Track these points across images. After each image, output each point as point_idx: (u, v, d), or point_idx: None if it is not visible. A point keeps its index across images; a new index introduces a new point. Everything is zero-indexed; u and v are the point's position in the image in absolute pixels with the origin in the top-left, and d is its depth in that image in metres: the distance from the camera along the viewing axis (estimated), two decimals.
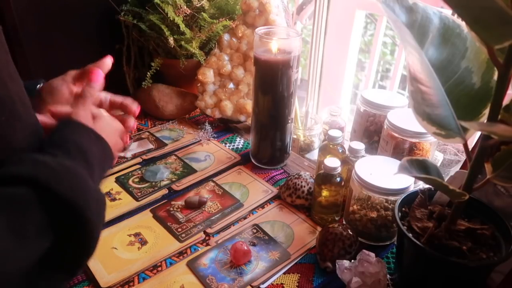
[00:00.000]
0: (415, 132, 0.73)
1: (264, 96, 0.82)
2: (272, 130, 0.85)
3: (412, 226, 0.55)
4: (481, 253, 0.52)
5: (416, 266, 0.57)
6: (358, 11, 1.36)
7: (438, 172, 0.51)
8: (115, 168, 0.87)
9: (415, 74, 0.45)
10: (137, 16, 1.01)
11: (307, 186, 0.77)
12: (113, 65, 0.64)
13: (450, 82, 0.48)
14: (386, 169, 0.67)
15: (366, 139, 0.88)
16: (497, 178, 0.46)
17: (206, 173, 0.86)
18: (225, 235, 0.71)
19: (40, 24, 0.95)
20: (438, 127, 0.46)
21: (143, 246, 0.68)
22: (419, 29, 0.48)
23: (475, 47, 0.48)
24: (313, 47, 1.29)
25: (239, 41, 0.98)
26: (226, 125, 1.05)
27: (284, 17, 0.96)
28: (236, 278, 0.62)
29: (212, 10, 1.01)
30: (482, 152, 0.46)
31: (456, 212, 0.52)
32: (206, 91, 1.01)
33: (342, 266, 0.60)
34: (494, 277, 0.58)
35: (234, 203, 0.78)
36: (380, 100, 0.84)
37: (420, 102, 0.45)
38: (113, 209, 0.76)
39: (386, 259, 0.67)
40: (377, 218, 0.66)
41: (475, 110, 0.48)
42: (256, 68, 0.80)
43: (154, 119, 1.07)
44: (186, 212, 0.75)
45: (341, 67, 1.45)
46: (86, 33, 1.04)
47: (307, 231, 0.72)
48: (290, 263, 0.66)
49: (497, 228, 0.55)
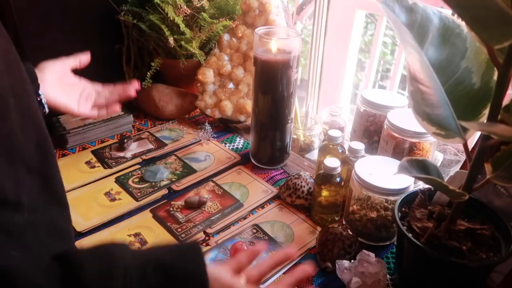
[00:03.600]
0: (415, 132, 0.73)
1: (264, 96, 0.82)
2: (272, 130, 0.85)
3: (412, 226, 0.55)
4: (481, 253, 0.52)
5: (416, 266, 0.57)
6: (358, 11, 1.37)
7: (438, 172, 0.51)
8: (115, 168, 0.87)
9: (415, 74, 0.45)
10: (137, 16, 1.01)
11: (307, 186, 0.77)
12: (113, 65, 0.66)
13: (450, 82, 0.48)
14: (386, 169, 0.67)
15: (366, 139, 0.88)
16: (497, 178, 0.45)
17: (206, 173, 0.86)
18: (225, 235, 0.71)
19: (40, 24, 0.95)
20: (438, 127, 0.46)
21: (143, 246, 0.68)
22: (419, 29, 0.48)
23: (475, 47, 0.48)
24: (313, 47, 1.29)
25: (239, 41, 0.98)
26: (226, 125, 1.05)
27: (284, 17, 0.96)
28: None
29: (212, 10, 1.01)
30: (482, 152, 0.46)
31: (456, 212, 0.52)
32: (206, 91, 1.01)
33: (342, 266, 0.60)
34: (494, 277, 0.58)
35: (234, 203, 0.78)
36: (380, 100, 0.84)
37: (420, 102, 0.45)
38: (113, 209, 0.76)
39: (386, 259, 0.67)
40: (377, 218, 0.66)
41: (475, 110, 0.48)
42: (256, 68, 0.80)
43: (154, 119, 1.07)
44: (186, 212, 0.75)
45: (341, 67, 1.45)
46: (86, 33, 1.04)
47: (307, 231, 0.72)
48: (290, 263, 0.66)
49: (497, 228, 0.55)
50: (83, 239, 0.69)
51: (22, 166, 0.40)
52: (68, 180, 0.83)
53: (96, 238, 0.69)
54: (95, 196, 0.79)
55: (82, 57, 0.79)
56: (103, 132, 0.97)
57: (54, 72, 0.75)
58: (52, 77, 0.74)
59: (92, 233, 0.70)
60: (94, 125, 0.95)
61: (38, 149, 0.43)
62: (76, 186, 0.81)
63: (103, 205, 0.77)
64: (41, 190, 0.43)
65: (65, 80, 0.77)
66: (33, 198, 0.41)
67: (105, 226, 0.72)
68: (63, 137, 0.92)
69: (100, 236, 0.70)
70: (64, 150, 0.92)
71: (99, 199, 0.78)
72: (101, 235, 0.70)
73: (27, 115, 0.42)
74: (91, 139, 0.96)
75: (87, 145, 0.95)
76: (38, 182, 0.43)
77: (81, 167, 0.87)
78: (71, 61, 0.78)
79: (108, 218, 0.73)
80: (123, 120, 0.99)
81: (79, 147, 0.94)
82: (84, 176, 0.84)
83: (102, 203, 0.77)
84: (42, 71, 0.73)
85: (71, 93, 0.77)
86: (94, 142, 0.96)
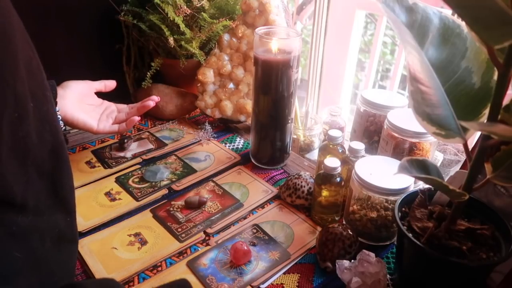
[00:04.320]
0: (415, 132, 0.73)
1: (264, 96, 0.82)
2: (272, 130, 0.85)
3: (412, 226, 0.55)
4: (481, 253, 0.52)
5: (416, 266, 0.57)
6: (358, 11, 1.37)
7: (438, 172, 0.51)
8: (115, 168, 0.87)
9: (415, 74, 0.45)
10: (137, 16, 1.01)
11: (307, 186, 0.77)
12: (113, 65, 0.67)
13: (450, 82, 0.48)
14: (386, 169, 0.67)
15: (366, 139, 0.88)
16: (497, 178, 0.45)
17: (206, 173, 0.86)
18: (225, 235, 0.71)
19: (40, 24, 0.95)
20: (438, 127, 0.46)
21: (143, 246, 0.68)
22: (419, 29, 0.48)
23: (475, 47, 0.48)
24: (313, 47, 1.29)
25: (239, 41, 0.98)
26: (226, 125, 1.05)
27: (284, 17, 0.96)
28: (236, 278, 0.62)
29: (212, 10, 1.01)
30: (482, 152, 0.46)
31: (456, 212, 0.52)
32: (206, 91, 1.01)
33: (342, 266, 0.60)
34: (494, 277, 0.58)
35: (234, 203, 0.78)
36: (380, 100, 0.84)
37: (420, 102, 0.45)
38: (113, 209, 0.76)
39: (386, 259, 0.67)
40: (377, 218, 0.66)
41: (475, 110, 0.48)
42: (256, 68, 0.80)
43: (154, 119, 1.07)
44: (186, 212, 0.75)
45: (341, 67, 1.45)
46: (86, 33, 1.04)
47: (307, 231, 0.72)
48: (290, 263, 0.66)
49: (497, 228, 0.55)
50: (83, 239, 0.69)
51: (34, 170, 0.40)
52: None
53: (96, 238, 0.69)
54: (95, 196, 0.79)
55: (107, 82, 0.81)
56: None
57: (76, 91, 0.77)
58: (73, 95, 0.76)
59: (92, 233, 0.70)
60: None
61: (52, 154, 0.43)
62: (76, 186, 0.81)
63: (103, 205, 0.77)
64: (49, 195, 0.43)
65: (87, 100, 0.80)
66: (40, 201, 0.42)
67: (105, 226, 0.72)
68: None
69: (100, 236, 0.70)
70: None
71: (99, 199, 0.78)
72: (101, 235, 0.70)
73: (45, 120, 0.42)
74: (91, 139, 0.96)
75: (87, 145, 0.95)
76: (47, 186, 0.43)
77: (81, 167, 0.87)
78: (96, 84, 0.81)
79: (108, 218, 0.73)
80: None
81: (79, 147, 0.94)
82: (84, 176, 0.84)
83: (102, 203, 0.77)
84: (64, 89, 0.76)
85: (91, 112, 0.80)
86: (94, 142, 0.96)
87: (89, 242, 0.68)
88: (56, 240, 0.44)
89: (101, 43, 1.07)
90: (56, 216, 0.44)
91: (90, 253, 0.66)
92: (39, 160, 0.41)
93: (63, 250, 0.45)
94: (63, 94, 0.75)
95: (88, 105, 0.81)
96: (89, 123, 0.78)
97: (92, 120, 0.79)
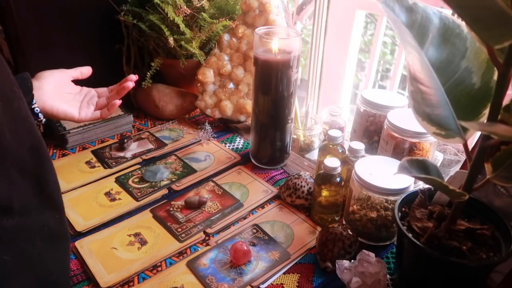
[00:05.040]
0: (415, 132, 0.73)
1: (264, 96, 0.82)
2: (272, 130, 0.85)
3: (412, 226, 0.55)
4: (481, 253, 0.52)
5: (416, 266, 0.57)
6: (358, 11, 1.37)
7: (438, 172, 0.51)
8: (115, 168, 0.87)
9: (415, 74, 0.45)
10: (137, 16, 1.01)
11: (307, 186, 0.77)
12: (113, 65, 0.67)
13: (450, 82, 0.48)
14: (386, 169, 0.67)
15: (366, 139, 0.88)
16: (497, 178, 0.45)
17: (206, 173, 0.86)
18: (225, 235, 0.71)
19: (40, 24, 0.95)
20: (438, 127, 0.46)
21: (143, 246, 0.68)
22: (419, 29, 0.48)
23: (475, 47, 0.48)
24: (313, 47, 1.29)
25: (239, 41, 0.98)
26: (226, 125, 1.05)
27: (284, 17, 0.96)
28: (236, 278, 0.62)
29: (212, 10, 1.01)
30: (482, 152, 0.46)
31: (456, 212, 0.52)
32: (206, 91, 1.01)
33: (342, 266, 0.60)
34: (494, 277, 0.58)
35: (234, 203, 0.78)
36: (380, 100, 0.84)
37: (420, 102, 0.45)
38: (113, 209, 0.76)
39: (386, 259, 0.67)
40: (377, 218, 0.66)
41: (475, 110, 0.48)
42: (256, 68, 0.80)
43: (154, 119, 1.07)
44: (186, 212, 0.75)
45: (341, 67, 1.45)
46: (86, 33, 1.04)
47: (307, 231, 0.72)
48: (290, 263, 0.66)
49: (497, 228, 0.55)
50: (83, 239, 0.69)
51: (15, 170, 0.39)
52: (68, 180, 0.83)
53: (96, 238, 0.69)
54: (95, 196, 0.79)
55: (83, 69, 0.79)
56: (103, 132, 0.97)
57: (52, 80, 0.74)
58: (49, 85, 0.73)
59: (92, 233, 0.70)
60: (94, 125, 0.95)
61: (32, 151, 0.42)
62: (76, 186, 0.81)
63: (103, 205, 0.77)
64: (35, 194, 0.42)
65: (65, 89, 0.77)
66: (26, 201, 0.41)
67: (105, 226, 0.72)
68: (63, 137, 0.92)
69: (100, 236, 0.70)
70: (64, 150, 0.92)
71: (99, 199, 0.78)
72: (101, 235, 0.70)
73: (18, 118, 0.41)
74: (91, 139, 0.96)
75: (87, 145, 0.95)
76: (31, 185, 0.42)
77: (81, 167, 0.87)
78: (71, 71, 0.78)
79: (108, 218, 0.73)
80: (123, 120, 0.99)
81: (79, 147, 0.94)
82: (84, 176, 0.84)
83: (102, 203, 0.77)
84: (39, 80, 0.73)
85: (71, 101, 0.77)
86: (94, 142, 0.96)
87: (89, 242, 0.68)
88: (48, 239, 0.43)
89: (101, 43, 1.07)
90: (44, 214, 0.43)
91: (90, 253, 0.66)
92: (19, 160, 0.40)
93: (56, 248, 0.44)
94: (39, 86, 0.71)
95: (66, 93, 0.77)
96: (70, 112, 0.74)
97: (72, 108, 0.75)
